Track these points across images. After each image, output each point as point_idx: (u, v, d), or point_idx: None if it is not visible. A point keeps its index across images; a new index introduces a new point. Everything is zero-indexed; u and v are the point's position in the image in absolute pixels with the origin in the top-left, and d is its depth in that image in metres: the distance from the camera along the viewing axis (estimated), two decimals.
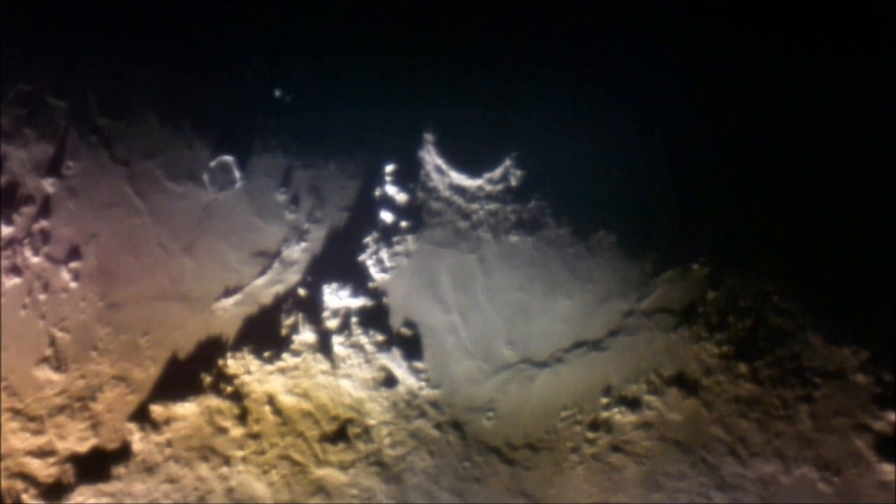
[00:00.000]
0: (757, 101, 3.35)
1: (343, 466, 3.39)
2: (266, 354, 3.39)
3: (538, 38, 3.43)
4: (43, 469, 3.42)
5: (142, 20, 3.47)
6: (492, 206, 3.45)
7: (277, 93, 3.44)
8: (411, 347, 3.40)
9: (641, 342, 3.39)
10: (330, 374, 3.39)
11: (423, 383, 3.40)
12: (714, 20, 3.39)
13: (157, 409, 3.39)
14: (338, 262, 3.44)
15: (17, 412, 3.40)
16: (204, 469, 3.38)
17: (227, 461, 3.38)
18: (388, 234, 3.43)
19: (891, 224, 3.32)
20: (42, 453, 3.42)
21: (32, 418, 3.41)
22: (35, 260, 3.45)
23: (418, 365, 3.40)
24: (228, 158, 3.44)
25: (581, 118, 3.44)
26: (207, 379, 3.40)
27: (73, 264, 3.45)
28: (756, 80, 3.37)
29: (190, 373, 3.42)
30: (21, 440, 3.39)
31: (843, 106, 3.36)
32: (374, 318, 3.42)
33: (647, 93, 3.38)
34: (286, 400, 3.39)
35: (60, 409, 3.42)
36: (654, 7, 3.39)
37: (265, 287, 3.45)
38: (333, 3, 3.45)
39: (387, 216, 3.44)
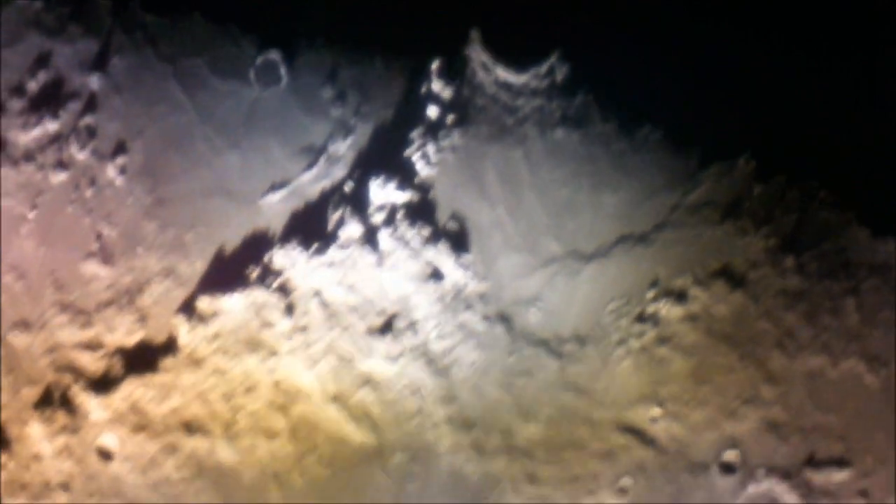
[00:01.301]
0: None
1: (390, 359, 3.42)
2: (312, 249, 3.42)
3: None
4: (91, 362, 3.46)
5: None
6: (537, 102, 3.47)
7: None
8: (458, 241, 3.43)
9: (687, 236, 3.42)
10: (376, 267, 3.41)
11: (469, 277, 3.42)
12: None
13: (203, 303, 3.42)
14: (384, 157, 3.46)
15: (65, 306, 3.44)
16: (251, 362, 3.42)
17: (273, 354, 3.42)
18: (433, 130, 3.45)
19: None
20: (90, 346, 3.45)
21: (80, 312, 3.44)
22: (81, 156, 3.48)
23: (465, 259, 3.42)
24: (274, 56, 3.46)
25: (627, 11, 3.46)
26: (254, 273, 3.43)
27: (120, 160, 3.48)
28: None
29: (236, 267, 3.45)
30: (69, 334, 3.43)
31: None
32: (421, 212, 3.45)
33: None
34: (333, 293, 3.42)
35: (108, 304, 3.46)
36: None
37: (311, 182, 3.47)
38: None
39: (433, 112, 3.46)
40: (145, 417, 3.44)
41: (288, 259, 3.42)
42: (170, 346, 3.44)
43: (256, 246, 3.46)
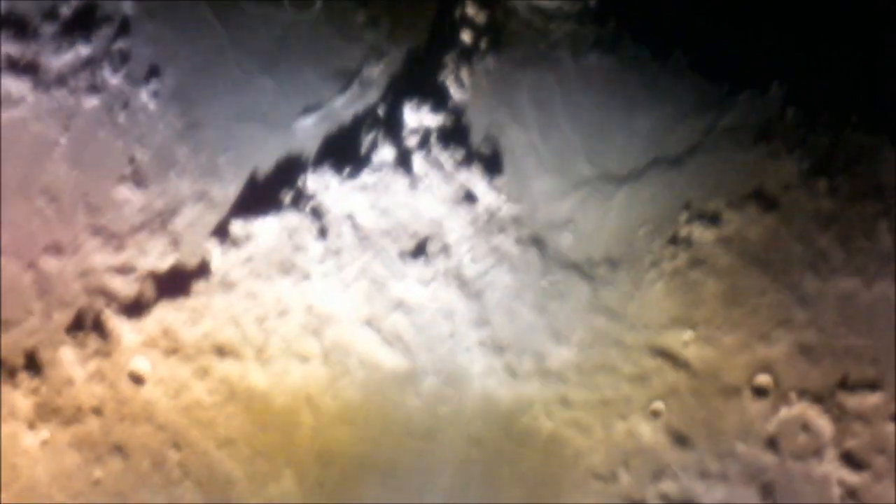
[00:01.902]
0: None
1: (423, 283, 3.43)
2: (345, 172, 3.43)
3: None
4: (123, 286, 3.46)
5: None
6: (570, 27, 3.49)
7: None
8: (491, 165, 3.45)
9: (720, 159, 3.44)
10: (409, 191, 3.43)
11: (502, 200, 3.44)
12: None
13: (236, 227, 3.43)
14: (417, 81, 3.48)
15: (97, 230, 3.45)
16: (283, 285, 3.43)
17: (306, 278, 3.43)
18: (467, 54, 3.47)
19: None
20: (122, 270, 3.46)
21: (113, 236, 3.45)
22: (114, 80, 3.49)
23: (498, 182, 3.44)
24: None
25: None
26: (287, 197, 3.44)
27: (153, 84, 3.49)
28: None
29: (269, 191, 3.46)
30: (102, 257, 3.44)
31: None
32: (454, 136, 3.46)
33: None
34: (365, 217, 3.43)
35: (140, 227, 3.47)
36: None
37: (345, 106, 3.49)
38: None
39: (466, 36, 3.47)
40: (177, 341, 3.45)
41: (321, 183, 3.43)
42: (202, 270, 3.45)
43: (289, 170, 3.47)
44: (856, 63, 3.47)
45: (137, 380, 3.47)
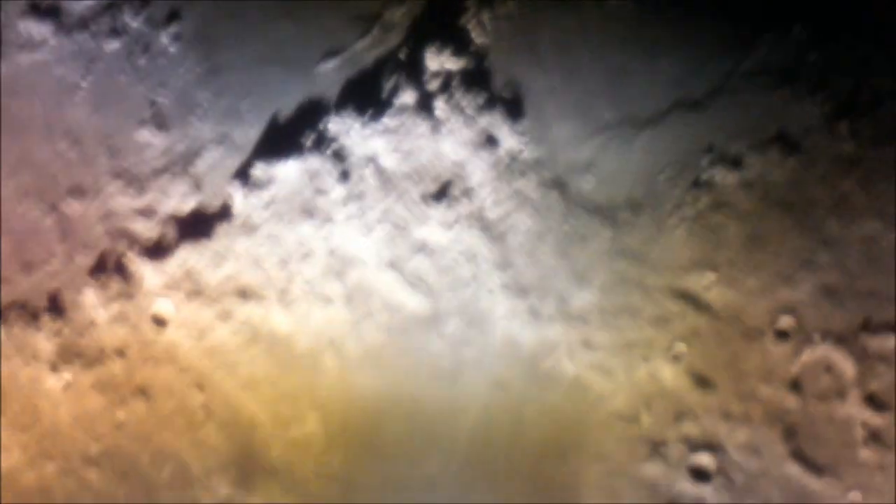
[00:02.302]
0: None
1: (445, 226, 3.44)
2: (367, 116, 3.44)
3: None
4: (145, 229, 3.48)
5: None
6: None
7: None
8: (512, 109, 3.45)
9: (742, 102, 3.44)
10: (431, 134, 3.44)
11: (524, 144, 3.44)
12: None
13: (258, 170, 3.44)
14: (439, 24, 3.48)
15: (119, 173, 3.46)
16: (305, 228, 3.44)
17: (328, 221, 3.44)
18: None
19: None
20: (144, 213, 3.47)
21: (135, 179, 3.46)
22: (135, 23, 3.50)
23: (520, 125, 3.45)
24: None
25: None
26: (309, 140, 3.45)
27: (173, 28, 3.49)
28: None
29: (291, 135, 3.47)
30: (124, 200, 3.45)
31: None
32: (475, 80, 3.47)
33: None
34: (387, 160, 3.44)
35: (162, 170, 3.48)
36: None
37: (366, 50, 3.49)
38: None
39: None
40: (200, 284, 3.46)
41: (342, 126, 3.44)
42: (224, 213, 3.46)
43: (311, 113, 3.47)
44: (879, 5, 3.46)
45: (160, 322, 3.48)
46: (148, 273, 3.47)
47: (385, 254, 3.45)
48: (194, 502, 3.49)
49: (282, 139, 3.49)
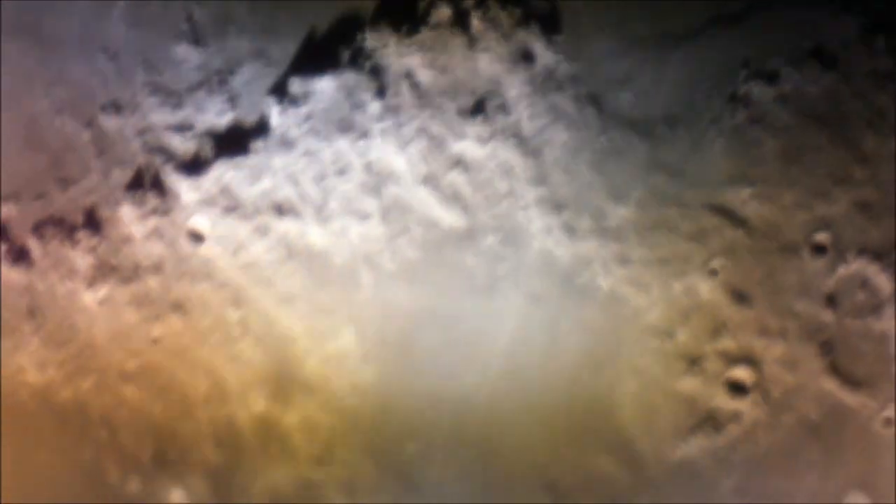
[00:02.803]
0: None
1: (481, 140, 3.45)
2: (404, 30, 3.45)
3: None
4: (181, 144, 3.51)
5: None
6: None
7: None
8: (548, 24, 3.50)
9: (779, 17, 3.47)
10: (467, 50, 3.45)
11: (560, 59, 3.46)
12: None
13: (294, 85, 3.47)
14: None
15: (156, 88, 3.48)
16: (342, 143, 3.47)
17: (364, 136, 3.46)
18: None
19: None
20: (181, 128, 3.50)
21: (171, 94, 3.49)
22: None
23: (556, 40, 3.46)
24: None
25: None
26: (345, 55, 3.46)
27: None
28: None
29: (327, 50, 3.49)
30: (160, 115, 3.48)
31: None
32: None
33: None
34: (424, 75, 3.46)
35: (199, 85, 3.52)
36: None
37: None
38: None
39: None
40: (236, 200, 3.50)
41: (379, 42, 3.48)
42: (261, 129, 3.50)
43: (348, 29, 3.50)
44: None
45: (196, 238, 3.52)
46: (184, 189, 3.51)
47: (421, 169, 3.48)
48: (231, 416, 3.51)
49: (318, 55, 3.52)
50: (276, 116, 3.64)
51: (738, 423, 3.54)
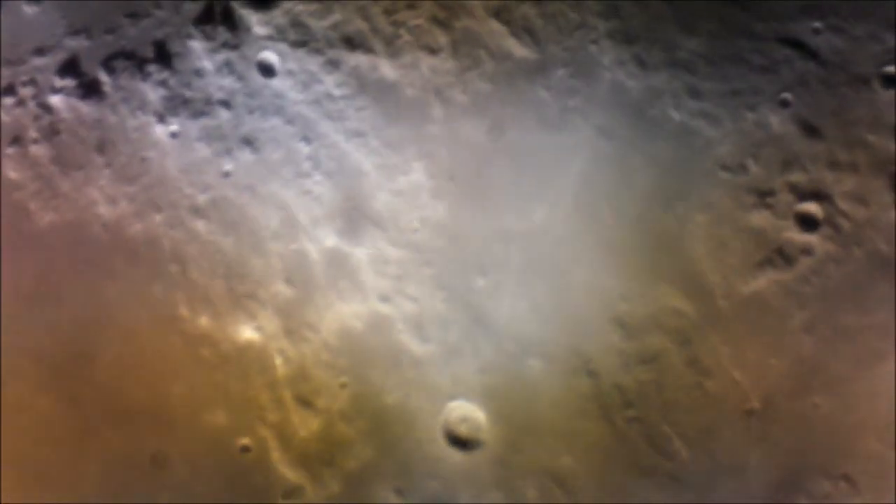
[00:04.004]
0: None
1: None
2: None
3: None
4: None
5: None
6: None
7: None
8: None
9: None
10: None
11: None
12: None
13: None
14: None
15: None
16: None
17: None
18: None
19: None
20: None
21: None
22: None
23: None
24: None
25: None
26: None
27: None
28: None
29: None
30: None
31: None
32: None
33: None
34: None
35: None
36: None
37: None
38: None
39: None
40: (306, 33, 3.53)
41: None
42: None
43: None
44: None
45: (266, 71, 3.55)
46: (254, 22, 3.57)
47: (492, 2, 3.49)
48: (301, 251, 3.56)
49: None
50: None
51: (809, 257, 3.59)
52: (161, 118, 3.81)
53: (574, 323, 3.79)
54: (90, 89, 3.83)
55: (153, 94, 3.80)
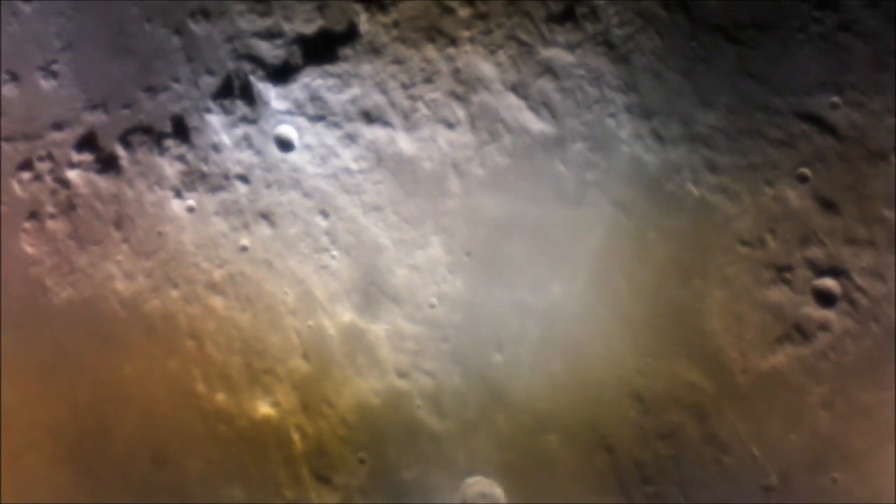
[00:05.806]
0: None
1: (570, 47, 3.55)
2: None
3: None
4: (270, 51, 3.60)
5: None
6: None
7: None
8: None
9: None
10: None
11: None
12: None
13: None
14: None
15: None
16: (430, 50, 3.59)
17: (453, 42, 3.57)
18: None
19: None
20: (269, 35, 3.58)
21: (259, 0, 3.57)
22: None
23: None
24: None
25: None
26: None
27: None
28: None
29: None
30: (248, 21, 3.57)
31: None
32: None
33: None
34: None
35: None
36: None
37: None
38: None
39: None
40: (324, 106, 3.58)
41: None
42: (349, 35, 3.57)
43: None
44: None
45: (284, 145, 3.61)
46: (273, 96, 3.62)
47: (510, 76, 3.56)
48: (319, 326, 3.61)
49: None
50: (365, 23, 3.75)
51: (827, 332, 3.64)
52: (178, 193, 3.86)
53: (591, 398, 3.83)
54: (107, 164, 3.89)
55: (170, 168, 3.86)
